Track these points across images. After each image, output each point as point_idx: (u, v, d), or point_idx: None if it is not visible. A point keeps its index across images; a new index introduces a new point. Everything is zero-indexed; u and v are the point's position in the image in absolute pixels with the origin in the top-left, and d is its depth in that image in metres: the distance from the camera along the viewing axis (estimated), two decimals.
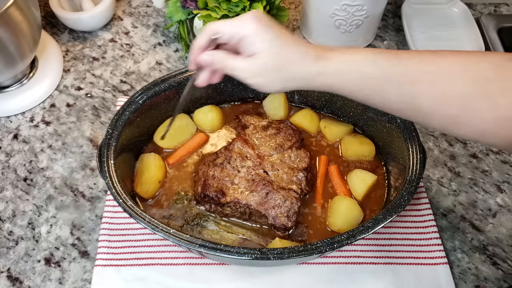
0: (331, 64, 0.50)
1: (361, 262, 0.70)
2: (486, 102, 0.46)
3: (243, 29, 0.50)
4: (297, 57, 0.50)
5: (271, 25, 0.50)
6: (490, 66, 0.46)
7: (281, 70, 0.50)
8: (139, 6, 1.05)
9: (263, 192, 0.68)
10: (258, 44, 0.50)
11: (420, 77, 0.48)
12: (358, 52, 0.50)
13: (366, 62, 0.49)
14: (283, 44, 0.50)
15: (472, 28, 0.97)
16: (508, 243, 0.73)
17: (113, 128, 0.69)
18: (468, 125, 0.48)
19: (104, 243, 0.71)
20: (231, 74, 0.55)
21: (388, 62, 0.49)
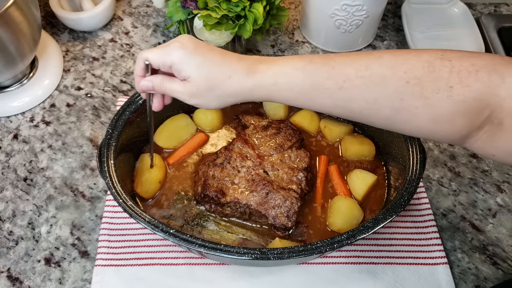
0: (262, 77, 0.50)
1: (361, 262, 0.70)
2: (418, 102, 0.46)
3: (169, 58, 0.52)
4: (227, 75, 0.51)
5: (198, 49, 0.52)
6: (421, 65, 0.46)
7: (214, 89, 0.52)
8: (139, 6, 1.06)
9: (263, 192, 0.68)
10: (186, 70, 0.51)
11: (352, 81, 0.48)
12: (288, 62, 0.50)
13: (295, 72, 0.50)
14: (211, 64, 0.51)
15: (472, 28, 0.97)
16: (508, 243, 0.73)
17: (113, 128, 0.69)
18: (406, 124, 0.49)
19: (104, 243, 0.71)
20: (172, 96, 0.57)
21: (318, 69, 0.49)
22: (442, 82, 0.45)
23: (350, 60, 0.49)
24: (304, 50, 0.98)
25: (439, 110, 0.46)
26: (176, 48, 0.51)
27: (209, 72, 0.51)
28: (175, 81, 0.54)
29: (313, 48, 0.98)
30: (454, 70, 0.45)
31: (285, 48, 0.98)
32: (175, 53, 0.51)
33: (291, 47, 0.98)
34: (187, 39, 0.53)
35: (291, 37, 1.00)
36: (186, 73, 0.52)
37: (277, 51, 0.98)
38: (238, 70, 0.51)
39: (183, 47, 0.51)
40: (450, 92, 0.45)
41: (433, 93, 0.45)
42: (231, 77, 0.51)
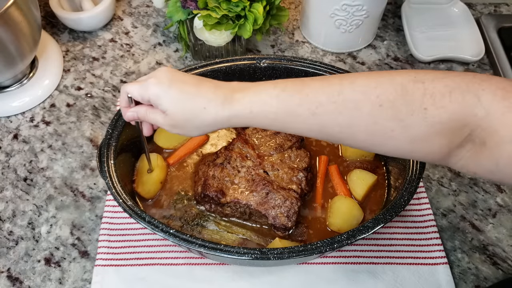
0: (238, 106, 0.51)
1: (361, 262, 0.70)
2: (393, 124, 0.46)
3: (146, 93, 0.54)
4: (202, 106, 0.52)
5: (173, 83, 0.53)
6: (394, 88, 0.46)
7: (191, 120, 0.53)
8: (139, 6, 1.05)
9: (263, 192, 0.68)
10: (162, 105, 0.53)
11: (324, 107, 0.48)
12: (263, 90, 0.51)
13: (269, 100, 0.50)
14: (187, 98, 0.52)
15: (472, 28, 0.97)
16: (508, 243, 0.73)
17: (113, 128, 0.69)
18: (384, 146, 0.49)
19: (104, 243, 0.71)
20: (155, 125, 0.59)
21: (291, 97, 0.49)
22: (416, 104, 0.45)
23: (323, 85, 0.49)
24: (304, 50, 0.98)
25: (416, 131, 0.45)
26: (152, 84, 0.53)
27: (185, 106, 0.53)
28: (157, 112, 0.56)
29: (313, 48, 0.98)
30: (427, 92, 0.44)
31: (285, 48, 0.98)
32: (152, 89, 0.53)
33: (291, 47, 0.98)
34: (164, 73, 0.54)
35: (291, 37, 1.00)
36: (162, 107, 0.53)
37: (277, 51, 0.98)
38: (213, 101, 0.52)
39: (159, 83, 0.53)
40: (424, 114, 0.44)
41: (407, 115, 0.45)
42: (206, 108, 0.52)
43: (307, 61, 0.76)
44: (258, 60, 0.77)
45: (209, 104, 0.52)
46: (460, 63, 0.96)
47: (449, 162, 0.48)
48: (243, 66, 0.77)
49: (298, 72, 0.77)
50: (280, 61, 0.77)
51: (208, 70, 0.76)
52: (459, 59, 0.94)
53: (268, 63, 0.77)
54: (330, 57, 0.97)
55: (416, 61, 0.96)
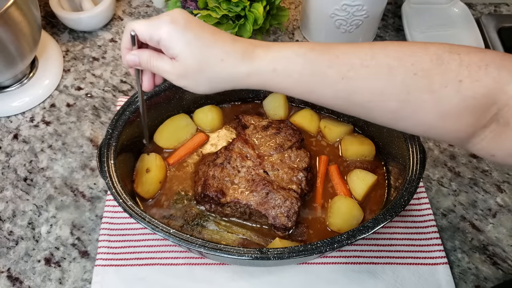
0: (259, 62, 0.47)
1: (361, 262, 0.70)
2: (426, 95, 0.44)
3: (157, 32, 0.47)
4: (220, 57, 0.47)
5: (189, 25, 0.47)
6: (429, 57, 0.44)
7: (204, 71, 0.48)
8: (139, 6, 1.06)
9: (263, 192, 0.68)
10: (175, 48, 0.47)
11: (356, 71, 0.45)
12: (288, 47, 0.47)
13: (295, 58, 0.46)
14: (203, 45, 0.47)
15: (472, 28, 0.97)
16: (508, 243, 0.73)
17: (113, 128, 0.69)
18: (411, 119, 0.46)
19: (104, 243, 0.71)
20: (159, 75, 0.53)
21: (320, 57, 0.46)
22: (451, 75, 0.43)
23: (354, 49, 0.46)
24: None
25: (447, 105, 0.44)
26: (166, 23, 0.47)
27: (200, 52, 0.47)
28: (164, 58, 0.49)
29: None
30: (463, 64, 0.43)
31: None
32: (164, 28, 0.47)
33: None
34: (179, 13, 0.48)
35: (291, 37, 1.00)
36: (174, 51, 0.47)
37: None
38: (231, 53, 0.46)
39: (173, 22, 0.46)
40: (459, 87, 0.43)
41: (441, 87, 0.43)
42: (223, 60, 0.47)
43: None
44: None
45: (227, 56, 0.46)
46: None
47: (469, 143, 0.46)
48: None
49: None
50: None
51: None
52: None
53: None
54: None
55: None
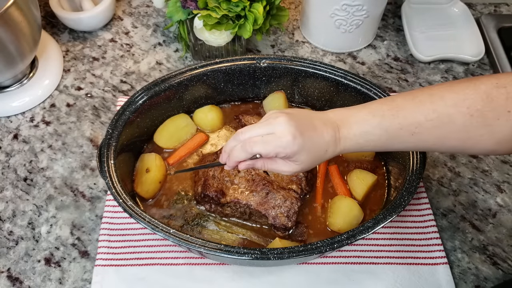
0: (346, 143, 0.56)
1: (361, 262, 0.70)
2: (483, 130, 0.51)
3: (284, 151, 0.54)
4: (325, 149, 0.56)
5: (303, 135, 0.54)
6: (480, 97, 0.51)
7: (317, 162, 0.57)
8: (139, 6, 1.05)
9: (263, 192, 0.68)
10: (300, 158, 0.55)
11: (422, 126, 0.53)
12: (364, 121, 0.55)
13: (372, 130, 0.55)
14: (314, 145, 0.55)
15: (472, 28, 0.97)
16: (508, 243, 0.73)
17: (113, 128, 0.69)
18: (472, 149, 0.55)
19: (104, 243, 0.71)
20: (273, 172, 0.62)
21: (392, 123, 0.54)
22: (501, 108, 0.50)
23: (418, 106, 0.53)
24: (304, 50, 0.98)
25: (501, 134, 0.51)
26: (292, 141, 0.53)
27: (314, 153, 0.55)
28: (278, 162, 0.57)
29: (313, 48, 0.98)
30: (509, 96, 0.50)
31: (285, 48, 0.98)
32: (292, 147, 0.53)
33: (291, 47, 0.98)
34: (288, 125, 0.53)
35: (291, 37, 1.00)
36: (298, 159, 0.55)
37: (277, 51, 0.98)
38: (330, 143, 0.55)
39: (295, 137, 0.53)
40: (509, 116, 0.50)
41: (494, 120, 0.50)
42: (327, 151, 0.56)
43: (307, 61, 0.76)
44: (258, 60, 0.77)
45: (329, 146, 0.55)
46: (460, 63, 0.96)
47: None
48: (243, 66, 0.77)
49: (298, 72, 0.77)
50: (280, 61, 0.77)
51: (208, 70, 0.76)
52: (459, 59, 0.94)
53: (268, 63, 0.77)
54: (330, 57, 0.97)
55: (416, 61, 0.96)
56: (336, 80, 0.75)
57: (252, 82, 0.80)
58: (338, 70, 0.75)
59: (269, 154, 0.54)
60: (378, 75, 0.94)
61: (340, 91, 0.77)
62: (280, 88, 0.81)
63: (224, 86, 0.80)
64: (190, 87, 0.77)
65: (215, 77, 0.78)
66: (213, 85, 0.79)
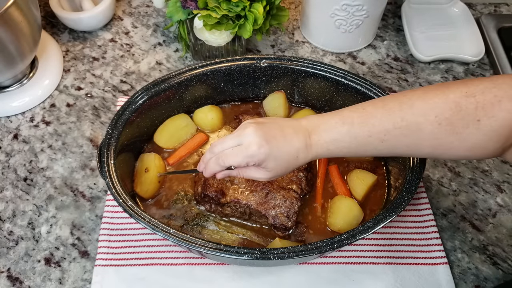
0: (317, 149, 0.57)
1: (361, 262, 0.70)
2: (452, 138, 0.52)
3: (253, 160, 0.56)
4: (295, 155, 0.57)
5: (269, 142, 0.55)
6: (449, 106, 0.51)
7: (288, 168, 0.58)
8: (139, 6, 1.06)
9: (263, 192, 0.68)
10: (269, 165, 0.56)
11: (391, 134, 0.54)
12: (333, 129, 0.57)
13: (342, 137, 0.56)
14: (283, 153, 0.56)
15: (472, 28, 0.97)
16: (508, 243, 0.73)
17: (113, 128, 0.69)
18: (445, 155, 0.55)
19: (104, 243, 0.71)
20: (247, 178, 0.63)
21: (361, 131, 0.55)
22: (470, 117, 0.50)
23: (387, 114, 0.55)
24: (304, 50, 0.98)
25: (472, 141, 0.52)
26: (257, 150, 0.55)
27: (283, 160, 0.57)
28: (251, 169, 0.58)
29: (313, 48, 0.98)
30: (479, 106, 0.50)
31: (285, 48, 0.98)
32: (258, 156, 0.55)
33: (291, 47, 0.98)
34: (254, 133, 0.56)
35: (291, 37, 1.00)
36: (268, 167, 0.57)
37: (277, 51, 0.98)
38: (300, 149, 0.57)
39: (260, 147, 0.55)
40: (478, 125, 0.50)
41: (463, 129, 0.51)
42: (298, 157, 0.57)
43: (307, 61, 0.76)
44: (258, 60, 0.77)
45: (299, 153, 0.57)
46: (460, 63, 0.96)
47: (503, 157, 0.55)
48: (243, 66, 0.77)
49: (298, 72, 0.77)
50: (280, 61, 0.77)
51: (208, 70, 0.76)
52: (459, 59, 0.94)
53: (268, 63, 0.77)
54: (330, 57, 0.97)
55: (416, 61, 0.96)
56: (336, 80, 0.75)
57: (252, 82, 0.80)
58: (338, 70, 0.75)
59: (240, 165, 0.57)
60: (378, 75, 0.94)
61: (340, 91, 0.77)
62: (280, 88, 0.81)
63: (224, 86, 0.80)
64: (190, 87, 0.77)
65: (215, 77, 0.78)
66: (213, 85, 0.79)
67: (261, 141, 0.55)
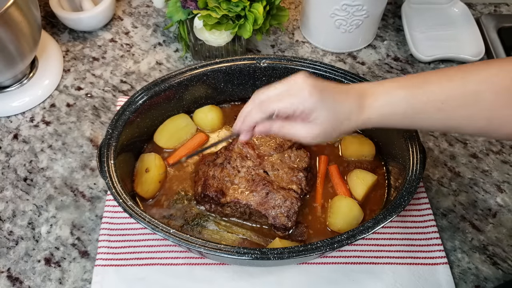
0: (371, 112, 0.54)
1: (361, 262, 0.70)
2: (509, 110, 0.51)
3: (302, 105, 0.52)
4: (347, 116, 0.54)
5: (323, 92, 0.53)
6: (509, 76, 0.50)
7: (335, 130, 0.55)
8: (139, 6, 1.05)
9: (263, 192, 0.68)
10: (320, 117, 0.53)
11: (449, 103, 0.52)
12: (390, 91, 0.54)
13: (398, 102, 0.54)
14: (337, 106, 0.54)
15: (472, 28, 0.97)
16: (508, 243, 0.73)
17: (113, 128, 0.69)
18: (498, 132, 0.54)
19: (104, 243, 0.71)
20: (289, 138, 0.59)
21: (418, 97, 0.53)
22: None
23: (446, 81, 0.53)
24: (304, 50, 0.98)
25: None
26: (311, 95, 0.52)
27: (334, 116, 0.54)
28: (295, 125, 0.55)
29: (313, 48, 0.98)
30: None
31: (285, 48, 0.98)
32: (310, 100, 0.52)
33: (291, 47, 0.98)
34: (310, 78, 0.53)
35: (291, 37, 1.00)
36: (316, 118, 0.53)
37: (277, 51, 0.98)
38: (353, 110, 0.54)
39: (312, 94, 0.52)
40: None
41: None
42: (349, 119, 0.54)
43: (307, 61, 0.76)
44: (258, 60, 0.77)
45: (351, 113, 0.54)
46: (460, 63, 0.96)
47: None
48: (243, 66, 0.77)
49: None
50: (280, 61, 0.77)
51: (208, 70, 0.76)
52: (459, 59, 0.94)
53: (268, 63, 0.77)
54: (330, 57, 0.97)
55: (416, 61, 0.96)
56: (336, 80, 0.75)
57: (252, 82, 0.80)
58: (338, 70, 0.75)
59: (286, 110, 0.53)
60: (378, 75, 0.94)
61: None
62: None
63: (224, 86, 0.80)
64: (190, 87, 0.77)
65: (215, 77, 0.78)
66: (213, 85, 0.79)
67: (312, 89, 0.52)
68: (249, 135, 0.58)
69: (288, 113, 0.53)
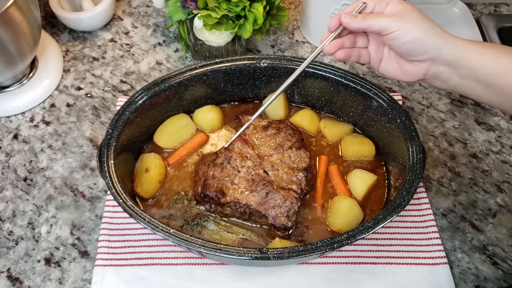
0: (458, 45, 0.59)
1: (361, 262, 0.70)
2: None
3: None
4: (436, 29, 0.61)
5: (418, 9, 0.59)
6: None
7: (421, 38, 0.60)
8: (139, 6, 1.06)
9: (263, 192, 0.68)
10: (410, 13, 0.59)
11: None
12: (482, 48, 0.57)
13: (487, 52, 0.56)
14: (426, 17, 0.60)
15: (472, 28, 0.97)
16: (508, 243, 0.73)
17: (113, 128, 0.69)
18: None
19: (104, 243, 0.71)
20: (370, 29, 0.60)
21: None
22: None
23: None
24: (304, 50, 0.98)
25: None
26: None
27: (425, 20, 0.60)
28: (385, 18, 0.58)
29: (313, 48, 0.98)
30: None
31: (285, 48, 0.98)
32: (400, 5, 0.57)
33: (291, 47, 0.98)
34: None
35: (291, 37, 1.00)
36: (400, 8, 0.59)
37: (277, 51, 0.98)
38: (441, 30, 0.59)
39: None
40: None
41: None
42: (439, 34, 0.60)
43: None
44: (258, 60, 0.77)
45: (442, 31, 0.60)
46: None
47: None
48: (243, 66, 0.77)
49: None
50: (280, 61, 0.77)
51: (208, 70, 0.76)
52: None
53: (268, 63, 0.77)
54: (330, 57, 0.97)
55: None
56: (336, 80, 0.75)
57: (252, 82, 0.80)
58: (338, 70, 0.75)
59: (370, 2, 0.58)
60: (378, 75, 0.94)
61: (340, 91, 0.77)
62: None
63: (224, 86, 0.80)
64: (190, 87, 0.77)
65: (215, 77, 0.78)
66: (213, 85, 0.79)
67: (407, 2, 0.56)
68: (343, 24, 0.61)
69: (374, 5, 0.58)
